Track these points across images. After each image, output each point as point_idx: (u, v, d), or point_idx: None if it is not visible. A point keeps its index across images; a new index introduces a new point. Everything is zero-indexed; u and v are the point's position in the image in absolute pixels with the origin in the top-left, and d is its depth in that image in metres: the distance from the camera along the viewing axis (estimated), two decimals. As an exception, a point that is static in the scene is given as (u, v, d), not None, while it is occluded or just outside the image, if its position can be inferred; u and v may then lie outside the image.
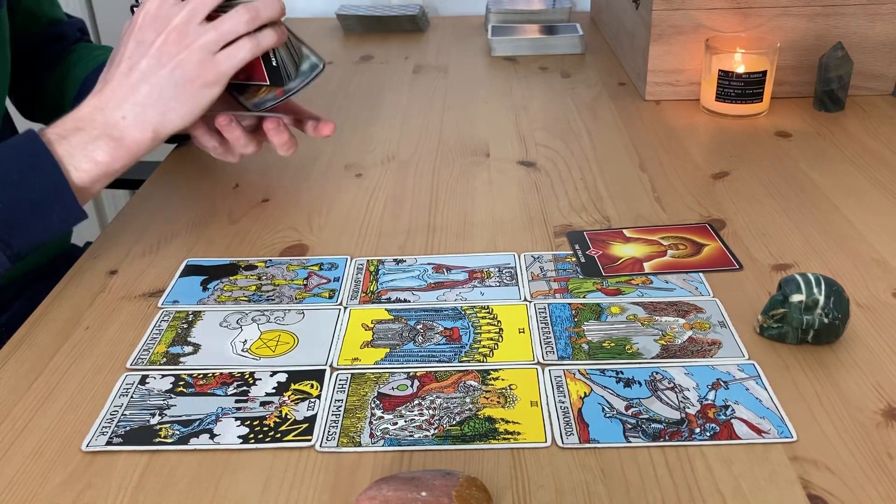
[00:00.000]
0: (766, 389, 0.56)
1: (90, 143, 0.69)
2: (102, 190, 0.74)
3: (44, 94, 0.97)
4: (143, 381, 0.59)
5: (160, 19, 0.71)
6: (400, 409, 0.56)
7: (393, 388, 0.58)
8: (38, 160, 0.68)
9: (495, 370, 0.59)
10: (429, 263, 0.73)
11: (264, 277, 0.72)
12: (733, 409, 0.55)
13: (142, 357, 0.62)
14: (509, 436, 0.53)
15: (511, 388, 0.57)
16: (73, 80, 0.94)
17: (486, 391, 0.57)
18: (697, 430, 0.53)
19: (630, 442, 0.52)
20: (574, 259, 0.73)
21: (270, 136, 0.79)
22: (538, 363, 0.60)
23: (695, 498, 0.48)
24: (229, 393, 0.58)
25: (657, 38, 1.07)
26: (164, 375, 0.60)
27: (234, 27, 0.71)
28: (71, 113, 0.71)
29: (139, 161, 0.73)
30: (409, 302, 0.68)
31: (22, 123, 0.94)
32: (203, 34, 0.70)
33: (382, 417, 0.55)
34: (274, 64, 0.76)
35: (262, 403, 0.57)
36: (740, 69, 1.00)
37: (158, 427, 0.55)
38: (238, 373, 0.60)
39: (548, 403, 0.56)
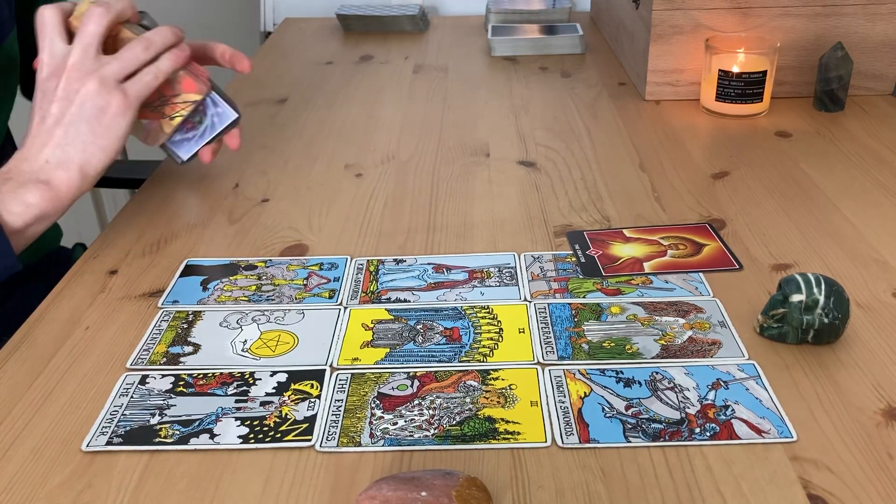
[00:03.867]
0: (766, 389, 0.56)
1: (19, 188, 0.70)
2: (61, 216, 0.75)
3: None
4: (143, 381, 0.59)
5: (56, 66, 0.73)
6: (400, 409, 0.56)
7: (393, 388, 0.58)
8: None
9: (495, 370, 0.59)
10: (429, 263, 0.73)
11: (264, 277, 0.72)
12: (733, 409, 0.55)
13: (142, 357, 0.62)
14: (509, 436, 0.53)
15: (511, 388, 0.57)
16: None
17: (486, 391, 0.57)
18: (697, 430, 0.53)
19: (630, 442, 0.52)
20: (574, 259, 0.73)
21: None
22: (538, 363, 0.60)
23: (695, 498, 0.48)
24: (229, 393, 0.58)
25: (657, 38, 1.07)
26: (164, 375, 0.60)
27: (133, 55, 0.74)
28: None
29: (135, 163, 0.74)
30: (409, 302, 0.68)
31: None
32: (103, 65, 0.73)
33: (382, 417, 0.55)
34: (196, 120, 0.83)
35: (262, 403, 0.57)
36: (740, 69, 1.00)
37: (158, 427, 0.55)
38: (238, 373, 0.60)
39: (548, 403, 0.56)
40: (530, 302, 0.67)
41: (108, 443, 0.53)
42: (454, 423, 0.54)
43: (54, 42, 0.73)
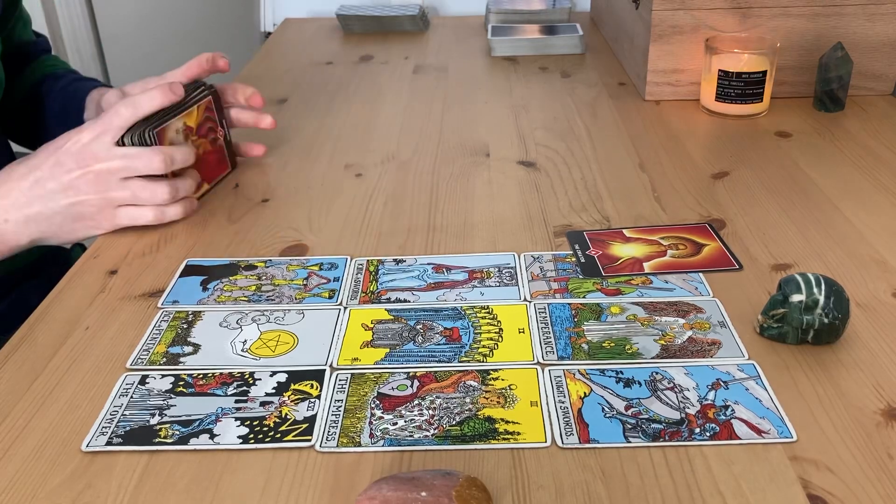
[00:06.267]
0: (766, 389, 0.56)
1: None
2: None
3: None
4: (143, 381, 0.59)
5: (88, 156, 0.74)
6: (400, 409, 0.56)
7: (393, 388, 0.58)
8: None
9: (495, 370, 0.59)
10: (429, 263, 0.73)
11: (264, 277, 0.72)
12: (733, 410, 0.55)
13: (142, 357, 0.62)
14: (509, 436, 0.53)
15: (511, 388, 0.57)
16: (21, 84, 0.98)
17: (486, 391, 0.57)
18: (697, 430, 0.53)
19: (630, 442, 0.52)
20: (574, 259, 0.73)
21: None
22: (538, 363, 0.60)
23: (695, 498, 0.48)
24: (229, 393, 0.58)
25: (657, 38, 1.07)
26: (164, 375, 0.60)
27: (150, 196, 0.76)
28: None
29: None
30: (409, 302, 0.68)
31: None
32: (119, 189, 0.75)
33: (382, 417, 0.55)
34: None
35: (262, 403, 0.57)
36: (740, 69, 1.00)
37: (158, 427, 0.55)
38: (238, 373, 0.60)
39: (548, 403, 0.56)
40: (530, 302, 0.67)
41: (108, 443, 0.53)
42: (454, 423, 0.54)
43: (104, 135, 0.74)
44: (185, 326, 0.65)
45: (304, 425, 0.54)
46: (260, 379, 0.59)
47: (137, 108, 0.75)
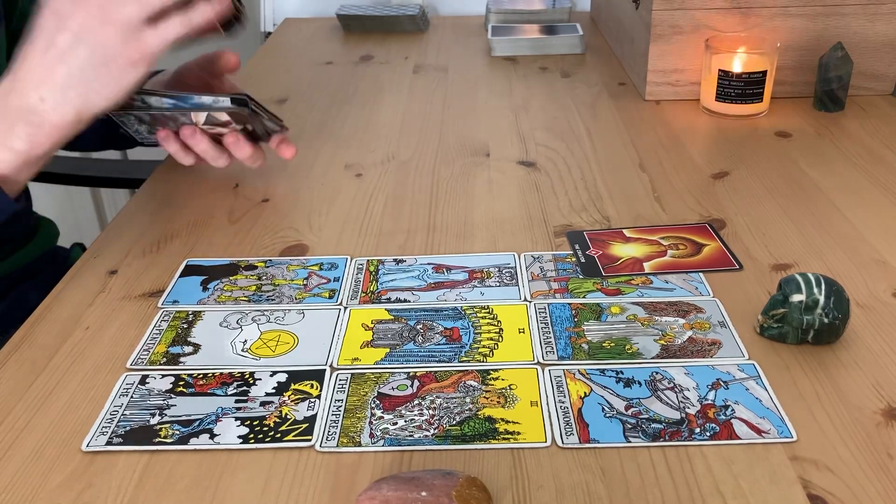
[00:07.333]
0: (766, 389, 0.56)
1: (7, 131, 0.66)
2: (31, 179, 0.71)
3: None
4: (143, 381, 0.59)
5: None
6: (400, 409, 0.56)
7: (393, 388, 0.58)
8: None
9: (495, 370, 0.59)
10: (429, 263, 0.73)
11: (264, 277, 0.72)
12: (733, 409, 0.55)
13: (142, 357, 0.62)
14: (509, 436, 0.53)
15: (511, 388, 0.57)
16: None
17: (486, 391, 0.57)
18: (697, 430, 0.53)
19: (630, 442, 0.52)
20: (574, 259, 0.73)
21: (232, 151, 0.79)
22: (538, 363, 0.60)
23: (695, 498, 0.48)
24: (229, 393, 0.58)
25: (657, 38, 1.07)
26: (164, 375, 0.60)
27: None
28: None
29: (135, 163, 0.73)
30: (409, 302, 0.68)
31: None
32: (125, 5, 0.65)
33: (382, 417, 0.55)
34: (249, 129, 0.79)
35: (262, 403, 0.57)
36: (740, 69, 1.00)
37: (158, 427, 0.55)
38: (238, 373, 0.60)
39: (548, 403, 0.56)
40: (530, 302, 0.67)
41: (108, 443, 0.53)
42: (454, 423, 0.54)
43: None
44: (185, 326, 0.65)
45: (305, 425, 0.54)
46: (260, 379, 0.59)
47: None
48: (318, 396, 0.57)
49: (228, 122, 0.78)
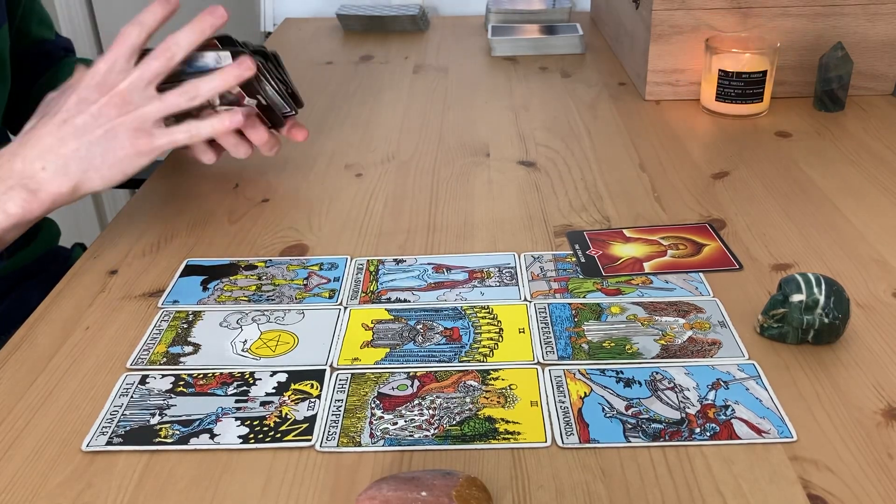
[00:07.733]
0: (766, 389, 0.56)
1: (3, 193, 0.68)
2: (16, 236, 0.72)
3: (26, 109, 0.97)
4: (143, 381, 0.59)
5: (107, 84, 0.70)
6: (400, 409, 0.56)
7: (393, 388, 0.58)
8: None
9: (495, 370, 0.59)
10: (429, 263, 0.73)
11: (264, 277, 0.72)
12: (733, 409, 0.55)
13: (142, 357, 0.62)
14: (509, 436, 0.53)
15: (511, 388, 0.57)
16: (41, 89, 0.93)
17: (486, 391, 0.57)
18: (697, 429, 0.53)
19: (630, 442, 0.52)
20: (574, 259, 0.73)
21: (248, 135, 0.80)
22: (538, 363, 0.60)
23: (695, 498, 0.48)
24: (229, 393, 0.58)
25: (657, 38, 1.07)
26: (164, 375, 0.60)
27: (176, 103, 0.71)
28: None
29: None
30: (409, 302, 0.68)
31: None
32: (146, 103, 0.70)
33: (382, 417, 0.55)
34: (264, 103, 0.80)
35: (262, 403, 0.57)
36: (740, 69, 1.00)
37: (158, 427, 0.55)
38: (238, 373, 0.60)
39: (548, 403, 0.56)
40: (530, 302, 0.67)
41: (108, 443, 0.53)
42: (454, 423, 0.54)
43: (119, 59, 0.70)
44: (185, 326, 0.65)
45: (305, 425, 0.54)
46: (260, 379, 0.59)
47: (142, 24, 0.71)
48: (319, 396, 0.57)
49: (241, 95, 0.79)
